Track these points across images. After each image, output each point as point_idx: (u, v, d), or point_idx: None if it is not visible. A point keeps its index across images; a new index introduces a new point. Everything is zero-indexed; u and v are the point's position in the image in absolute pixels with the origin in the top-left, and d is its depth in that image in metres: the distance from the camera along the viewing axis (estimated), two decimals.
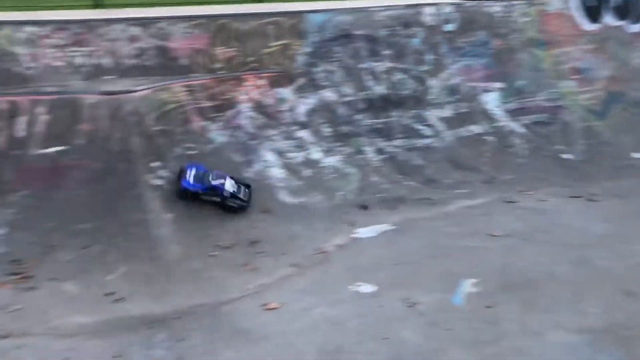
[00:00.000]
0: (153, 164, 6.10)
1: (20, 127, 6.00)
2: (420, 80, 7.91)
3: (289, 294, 5.07)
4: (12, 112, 6.02)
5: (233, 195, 6.08)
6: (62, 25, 6.60)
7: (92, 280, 5.15)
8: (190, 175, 6.02)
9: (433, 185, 6.98)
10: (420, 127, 7.62)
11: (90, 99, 6.19)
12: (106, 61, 6.70)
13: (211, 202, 6.03)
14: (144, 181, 5.97)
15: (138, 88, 6.35)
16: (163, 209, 5.87)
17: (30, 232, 5.54)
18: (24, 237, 5.49)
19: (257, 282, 5.26)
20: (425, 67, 7.98)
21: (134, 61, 6.80)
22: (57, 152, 6.01)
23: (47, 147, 6.01)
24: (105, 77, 6.62)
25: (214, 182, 6.01)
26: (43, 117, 6.09)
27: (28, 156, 5.94)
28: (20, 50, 6.39)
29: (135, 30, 6.82)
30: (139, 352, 4.31)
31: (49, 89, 6.29)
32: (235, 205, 6.10)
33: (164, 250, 5.53)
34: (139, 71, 6.76)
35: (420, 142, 7.49)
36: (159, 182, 6.02)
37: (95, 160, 6.02)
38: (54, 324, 4.60)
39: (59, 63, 6.51)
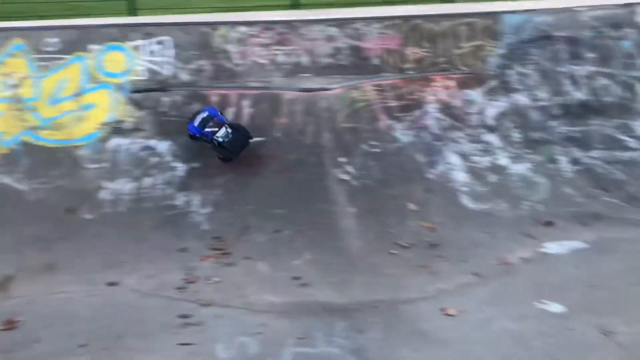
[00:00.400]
0: (340, 159, 6.37)
1: (228, 117, 6.65)
2: (629, 86, 7.17)
3: (468, 302, 4.95)
4: (222, 104, 6.70)
5: (220, 145, 6.23)
6: (268, 25, 7.14)
7: (281, 263, 5.54)
8: (199, 118, 6.31)
9: (637, 204, 6.28)
10: (625, 138, 6.90)
11: (289, 94, 6.65)
12: (304, 60, 7.13)
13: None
14: (331, 174, 6.26)
15: (332, 86, 6.67)
16: (347, 203, 6.09)
17: (230, 213, 6.13)
18: (225, 217, 6.10)
19: (436, 286, 5.21)
20: (636, 73, 7.20)
21: (329, 60, 7.14)
22: (256, 142, 6.56)
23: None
24: (303, 75, 7.05)
25: (206, 130, 6.23)
26: (247, 109, 6.70)
27: None
28: (231, 48, 7.05)
29: (332, 31, 7.15)
30: (322, 338, 4.53)
31: (254, 84, 6.88)
32: (220, 156, 6.35)
33: (346, 242, 5.75)
34: (334, 70, 7.09)
35: (624, 154, 6.78)
36: (345, 176, 6.27)
37: (289, 152, 6.47)
38: (249, 299, 5.04)
39: (263, 61, 7.08)
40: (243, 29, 7.07)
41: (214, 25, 7.06)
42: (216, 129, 6.24)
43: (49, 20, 7.95)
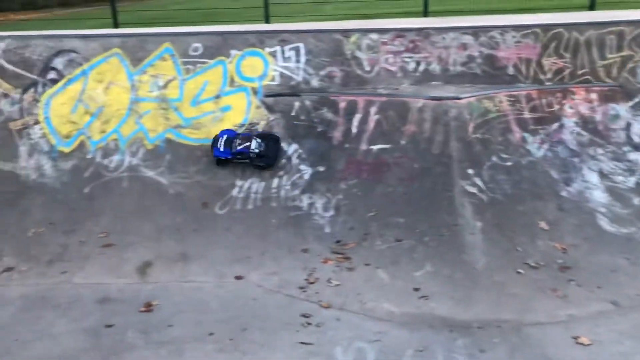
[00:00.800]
0: (469, 171, 6.16)
1: (355, 124, 6.72)
2: None
3: (604, 332, 4.59)
4: (350, 110, 6.77)
5: (259, 155, 6.46)
6: (400, 32, 7.11)
7: (401, 273, 5.48)
8: (221, 142, 6.56)
9: None
10: None
11: (417, 102, 6.56)
12: (435, 67, 7.02)
13: (242, 163, 6.56)
14: (458, 186, 6.08)
15: (463, 95, 6.48)
16: (473, 216, 5.89)
17: (352, 218, 6.17)
18: (346, 222, 6.15)
19: (567, 311, 4.89)
20: None
21: (460, 68, 6.97)
22: (381, 149, 6.55)
23: (373, 144, 6.58)
24: (433, 83, 6.95)
25: (239, 147, 6.48)
26: (374, 116, 6.71)
27: (357, 150, 6.61)
28: (362, 55, 7.12)
29: (465, 39, 6.97)
30: (441, 352, 4.43)
31: (382, 91, 6.89)
32: (262, 164, 6.51)
33: (470, 257, 5.56)
34: (465, 78, 6.92)
35: None
36: (472, 189, 6.05)
37: (415, 160, 6.36)
38: (368, 305, 5.06)
39: (393, 68, 7.07)
40: (374, 36, 7.10)
41: (346, 32, 7.17)
42: (248, 143, 6.55)
43: (195, 26, 8.57)
